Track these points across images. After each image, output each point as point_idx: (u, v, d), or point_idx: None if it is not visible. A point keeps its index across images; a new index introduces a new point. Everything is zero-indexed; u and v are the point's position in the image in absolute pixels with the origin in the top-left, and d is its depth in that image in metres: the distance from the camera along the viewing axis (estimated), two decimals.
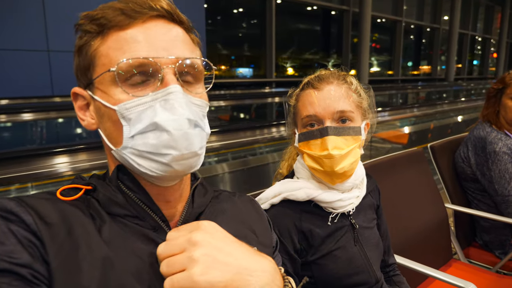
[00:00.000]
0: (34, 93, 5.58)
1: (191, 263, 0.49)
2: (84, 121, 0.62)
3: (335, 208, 0.99)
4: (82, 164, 2.48)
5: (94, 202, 0.58)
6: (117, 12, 0.57)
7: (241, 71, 10.22)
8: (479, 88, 15.21)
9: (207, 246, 0.51)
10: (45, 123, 5.09)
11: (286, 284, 0.56)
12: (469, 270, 1.83)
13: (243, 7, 9.92)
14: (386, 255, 1.17)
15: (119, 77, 0.56)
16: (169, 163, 0.55)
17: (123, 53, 0.56)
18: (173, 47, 0.58)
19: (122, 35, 0.57)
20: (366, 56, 10.25)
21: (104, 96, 0.58)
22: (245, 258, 0.53)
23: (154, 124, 0.54)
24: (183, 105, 0.55)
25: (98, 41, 0.58)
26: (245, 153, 4.25)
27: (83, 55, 0.59)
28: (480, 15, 19.55)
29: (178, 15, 0.61)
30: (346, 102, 0.96)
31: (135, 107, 0.55)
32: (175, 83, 0.56)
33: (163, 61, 0.56)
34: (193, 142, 0.56)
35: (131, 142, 0.56)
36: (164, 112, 0.54)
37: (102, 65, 0.57)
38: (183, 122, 0.55)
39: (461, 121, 7.86)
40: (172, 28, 0.59)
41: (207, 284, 0.48)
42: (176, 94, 0.55)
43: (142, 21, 0.57)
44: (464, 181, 2.05)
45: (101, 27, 0.57)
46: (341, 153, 0.92)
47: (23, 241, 0.48)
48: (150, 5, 0.57)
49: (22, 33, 5.44)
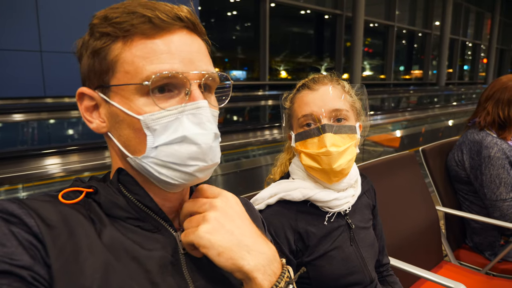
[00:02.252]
0: (25, 93, 5.52)
1: (203, 222, 0.57)
2: (93, 123, 0.61)
3: (331, 207, 1.00)
4: (74, 166, 2.46)
5: (95, 206, 0.58)
6: (143, 19, 0.55)
7: (235, 73, 10.22)
8: (470, 93, 15.38)
9: (221, 213, 0.58)
10: (37, 124, 5.03)
11: (284, 272, 0.58)
12: (459, 271, 1.85)
13: (237, 10, 9.93)
14: (380, 255, 1.18)
15: (149, 88, 0.55)
16: (193, 173, 0.57)
17: (150, 63, 0.55)
18: (198, 60, 0.59)
19: (149, 44, 0.56)
20: (359, 60, 10.31)
21: (125, 103, 0.57)
22: (250, 237, 0.58)
23: (183, 137, 0.55)
24: (211, 119, 0.58)
25: (119, 46, 0.56)
26: (238, 155, 4.25)
27: (101, 58, 0.57)
28: (471, 21, 19.79)
29: (200, 26, 0.61)
30: (341, 102, 0.99)
31: (161, 118, 0.56)
32: (202, 98, 0.58)
33: (191, 76, 0.57)
34: (217, 155, 0.60)
35: (154, 152, 0.56)
36: (193, 126, 0.56)
37: (125, 72, 0.56)
38: (211, 137, 0.58)
39: (452, 125, 7.94)
40: (195, 39, 0.60)
41: (208, 243, 0.55)
42: (204, 109, 0.57)
43: (169, 32, 0.57)
44: (457, 183, 2.07)
45: (124, 32, 0.56)
46: (339, 150, 0.94)
47: (24, 243, 0.48)
48: (178, 15, 0.57)
49: (15, 33, 5.38)
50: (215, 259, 0.55)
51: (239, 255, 0.55)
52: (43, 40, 5.63)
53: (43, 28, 5.60)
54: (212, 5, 9.27)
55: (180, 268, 0.59)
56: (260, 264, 0.56)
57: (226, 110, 7.68)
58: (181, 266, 0.60)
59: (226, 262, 0.55)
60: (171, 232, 0.62)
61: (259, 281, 0.55)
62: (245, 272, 0.55)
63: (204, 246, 0.55)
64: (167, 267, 0.58)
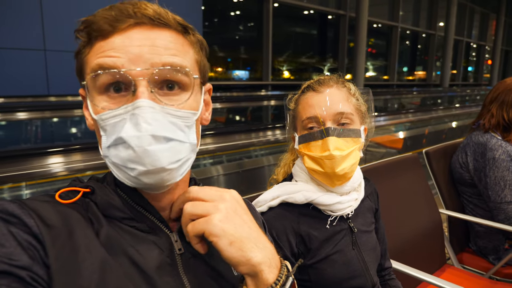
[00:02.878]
0: (29, 92, 5.54)
1: (216, 210, 0.57)
2: (88, 120, 0.63)
3: (334, 211, 1.00)
4: (77, 165, 2.47)
5: (92, 205, 0.59)
6: (102, 21, 0.56)
7: (238, 73, 10.21)
8: (474, 95, 15.32)
9: (231, 205, 0.59)
10: (40, 123, 5.05)
11: (283, 266, 0.60)
12: (463, 275, 1.84)
13: (240, 9, 9.93)
14: (382, 259, 1.17)
15: (98, 89, 0.56)
16: (137, 177, 0.55)
17: (96, 59, 0.56)
18: (150, 53, 0.56)
19: (102, 45, 0.57)
20: (362, 61, 10.28)
21: (91, 104, 0.58)
22: (255, 231, 0.59)
23: (120, 139, 0.54)
24: (149, 120, 0.53)
25: (88, 49, 0.59)
26: (241, 155, 4.25)
27: (78, 60, 0.60)
28: (475, 22, 19.72)
29: (163, 18, 0.58)
30: (346, 105, 0.98)
31: (109, 119, 0.55)
32: (145, 96, 0.54)
33: (134, 73, 0.55)
34: (158, 158, 0.54)
35: (107, 152, 0.57)
36: (130, 128, 0.53)
37: (87, 74, 0.58)
38: (146, 139, 0.53)
39: (456, 127, 7.91)
40: (153, 33, 0.57)
41: (221, 231, 0.55)
42: (142, 109, 0.53)
43: (122, 30, 0.56)
44: (461, 185, 2.06)
45: (89, 36, 0.58)
46: (342, 154, 0.93)
47: (23, 243, 0.48)
48: (129, 12, 0.56)
49: (19, 32, 5.40)
50: (225, 248, 0.55)
51: (249, 247, 0.56)
52: (47, 39, 5.65)
53: (47, 27, 5.62)
54: (215, 4, 9.27)
55: (176, 268, 0.60)
56: (266, 257, 0.57)
57: (228, 110, 7.68)
58: (177, 266, 0.60)
59: (236, 253, 0.55)
60: (166, 233, 0.62)
61: (265, 274, 0.55)
62: (253, 264, 0.55)
63: (216, 234, 0.55)
64: (163, 267, 0.58)
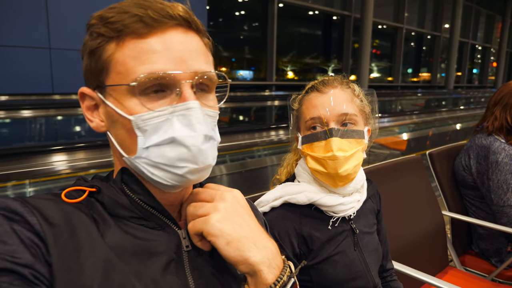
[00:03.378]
0: (34, 90, 5.57)
1: (214, 211, 0.58)
2: (93, 122, 0.61)
3: (336, 212, 0.99)
4: (80, 163, 2.48)
5: (98, 205, 0.58)
6: (135, 18, 0.55)
7: (242, 73, 10.22)
8: (478, 97, 15.25)
9: (231, 205, 0.60)
10: (44, 120, 5.08)
11: (285, 266, 0.59)
12: (465, 277, 1.83)
13: (245, 10, 9.94)
14: (384, 260, 1.17)
15: (138, 90, 0.55)
16: (184, 175, 0.57)
17: (141, 64, 0.55)
18: (191, 59, 0.57)
19: (140, 44, 0.55)
20: (366, 62, 10.26)
21: (118, 104, 0.57)
22: (256, 231, 0.59)
23: (172, 139, 0.55)
24: (201, 121, 0.56)
25: (113, 46, 0.56)
26: (244, 155, 4.25)
27: (96, 58, 0.58)
28: (481, 24, 19.62)
29: (195, 22, 0.60)
30: (350, 106, 0.97)
31: (151, 119, 0.55)
32: (193, 98, 0.56)
33: (182, 76, 0.56)
34: (208, 156, 0.58)
35: (145, 152, 0.56)
36: (183, 128, 0.55)
37: (117, 73, 0.56)
38: (200, 139, 0.56)
39: (460, 129, 7.88)
40: (189, 37, 0.59)
41: (218, 232, 0.56)
42: (194, 110, 0.56)
43: (161, 31, 0.56)
44: (463, 188, 2.06)
45: (117, 33, 0.56)
46: (345, 155, 0.93)
47: (26, 241, 0.48)
48: (169, 13, 0.56)
49: (24, 30, 5.43)
50: (222, 248, 0.55)
51: (247, 247, 0.56)
52: (52, 37, 5.68)
53: (52, 25, 5.65)
54: (220, 4, 9.29)
55: (182, 266, 0.59)
56: (265, 257, 0.57)
57: (232, 110, 7.68)
58: (183, 263, 0.60)
59: (234, 252, 0.55)
60: (175, 230, 0.62)
61: (264, 274, 0.56)
62: (251, 264, 0.55)
63: (213, 234, 0.56)
64: (169, 265, 0.58)
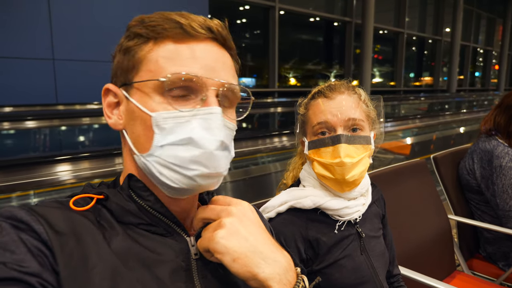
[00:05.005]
0: (38, 100, 5.61)
1: (219, 227, 0.57)
2: (111, 119, 0.62)
3: (342, 215, 0.99)
4: (84, 172, 2.49)
5: (106, 212, 0.58)
6: (175, 25, 0.57)
7: (244, 81, 10.26)
8: (481, 100, 15.21)
9: (236, 219, 0.58)
10: (48, 131, 5.11)
11: (299, 281, 0.58)
12: (473, 282, 1.81)
13: (247, 18, 10.01)
14: (391, 266, 1.16)
15: (166, 87, 0.56)
16: (193, 177, 0.56)
17: (173, 65, 0.56)
18: (221, 70, 0.60)
19: (175, 48, 0.58)
20: (368, 67, 10.27)
21: (142, 100, 0.58)
22: (264, 244, 0.58)
23: (189, 139, 0.55)
24: (220, 127, 0.57)
25: (149, 46, 0.58)
26: (248, 162, 4.25)
27: (130, 56, 0.59)
28: (482, 27, 19.65)
29: (230, 42, 0.62)
30: (357, 111, 0.98)
31: (173, 118, 0.56)
32: (216, 105, 0.58)
33: (210, 82, 0.58)
34: (221, 164, 0.58)
35: (159, 151, 0.56)
36: (202, 130, 0.56)
37: (148, 71, 0.58)
38: (217, 143, 0.56)
39: (464, 132, 7.85)
40: (222, 52, 0.61)
41: (223, 249, 0.54)
42: (216, 115, 0.57)
43: (197, 41, 0.58)
44: (468, 192, 2.04)
45: (156, 34, 0.58)
46: (353, 161, 0.93)
47: (33, 250, 0.48)
48: (209, 27, 0.59)
49: (28, 41, 5.49)
50: (230, 265, 0.54)
51: (254, 262, 0.54)
52: (55, 49, 5.74)
53: (55, 37, 5.71)
54: (222, 13, 9.35)
55: (191, 274, 0.59)
56: (275, 273, 0.55)
57: None
58: (192, 272, 0.59)
59: (241, 269, 0.54)
60: (184, 237, 0.61)
61: None
62: (260, 280, 0.54)
63: (219, 251, 0.55)
64: (177, 273, 0.57)
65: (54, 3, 5.63)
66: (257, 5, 9.42)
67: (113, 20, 5.40)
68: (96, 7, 6.00)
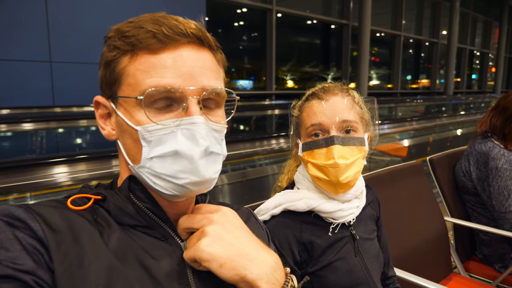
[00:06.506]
0: (35, 103, 5.60)
1: (202, 236, 0.57)
2: (105, 130, 0.64)
3: (336, 218, 0.99)
4: (82, 174, 2.48)
5: (103, 212, 0.59)
6: (149, 34, 0.57)
7: (241, 83, 10.26)
8: (478, 102, 15.27)
9: (219, 225, 0.59)
10: (45, 133, 5.09)
11: (287, 280, 0.59)
12: (470, 284, 1.81)
13: (244, 20, 10.02)
14: (386, 268, 1.16)
15: (144, 103, 0.57)
16: (184, 185, 0.57)
17: (149, 77, 0.57)
18: (200, 75, 0.59)
19: (151, 59, 0.57)
20: (365, 70, 10.30)
21: (127, 114, 0.59)
22: (250, 246, 0.58)
23: (175, 151, 0.56)
24: (204, 135, 0.58)
25: (127, 59, 0.59)
26: (245, 164, 4.24)
27: (111, 69, 0.60)
28: (478, 30, 19.75)
29: (207, 40, 0.62)
30: (351, 113, 0.98)
31: (156, 131, 0.57)
32: (198, 113, 0.58)
33: (189, 92, 0.58)
34: (208, 170, 0.59)
35: (149, 163, 0.58)
36: (185, 141, 0.57)
37: (128, 85, 0.58)
38: (202, 153, 0.57)
39: (461, 135, 7.87)
40: (201, 54, 0.60)
41: (209, 256, 0.55)
42: (199, 125, 0.57)
43: (173, 47, 0.58)
44: (464, 194, 2.05)
45: (131, 47, 0.58)
46: (347, 163, 0.93)
47: (28, 247, 0.49)
48: (182, 31, 0.58)
49: (25, 44, 5.48)
50: (217, 271, 0.55)
51: (241, 265, 0.55)
52: (52, 51, 5.73)
53: (52, 39, 5.70)
54: (219, 15, 9.37)
55: (186, 277, 0.59)
56: (263, 273, 0.56)
57: (232, 120, 7.69)
58: (187, 275, 0.60)
59: (229, 273, 0.55)
60: (177, 242, 0.62)
61: None
62: (249, 281, 0.55)
63: (205, 259, 0.55)
64: (173, 276, 0.58)
65: (51, 5, 5.62)
66: (255, 7, 9.43)
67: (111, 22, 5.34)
68: (93, 9, 6.00)
